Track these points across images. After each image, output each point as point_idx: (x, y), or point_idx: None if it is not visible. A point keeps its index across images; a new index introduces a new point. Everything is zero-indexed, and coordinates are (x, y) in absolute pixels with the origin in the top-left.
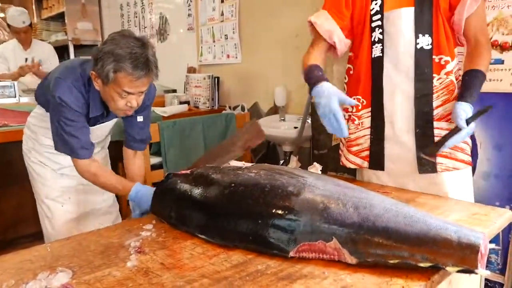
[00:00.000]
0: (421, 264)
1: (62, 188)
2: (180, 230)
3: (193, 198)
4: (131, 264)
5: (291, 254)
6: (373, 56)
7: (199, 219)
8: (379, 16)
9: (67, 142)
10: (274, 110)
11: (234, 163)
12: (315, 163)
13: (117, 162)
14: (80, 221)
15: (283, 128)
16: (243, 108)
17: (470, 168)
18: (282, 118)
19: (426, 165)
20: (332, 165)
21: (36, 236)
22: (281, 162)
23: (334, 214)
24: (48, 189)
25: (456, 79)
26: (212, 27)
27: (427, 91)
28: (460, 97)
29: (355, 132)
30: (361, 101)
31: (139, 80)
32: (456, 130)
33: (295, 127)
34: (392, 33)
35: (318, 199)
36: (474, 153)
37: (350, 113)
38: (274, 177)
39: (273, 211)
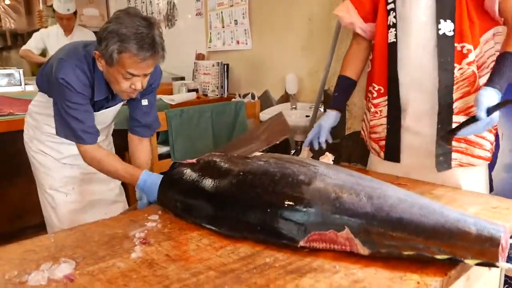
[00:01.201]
0: (438, 256)
1: (66, 178)
2: (186, 221)
3: (199, 187)
4: (135, 255)
5: (301, 243)
6: (389, 42)
7: (206, 209)
8: None
9: (70, 127)
10: (285, 98)
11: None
12: (327, 153)
13: (122, 151)
14: (86, 211)
15: (294, 117)
16: (253, 96)
17: (486, 164)
18: (294, 107)
19: (443, 162)
20: (345, 155)
21: (43, 227)
22: (292, 152)
23: (347, 204)
24: (51, 179)
25: (488, 66)
26: (221, 12)
27: (449, 82)
28: (488, 82)
29: (372, 120)
30: (376, 88)
31: (144, 62)
32: (475, 119)
33: (307, 116)
34: (407, 17)
35: (330, 188)
36: (495, 145)
37: (367, 100)
38: (284, 165)
39: (283, 200)
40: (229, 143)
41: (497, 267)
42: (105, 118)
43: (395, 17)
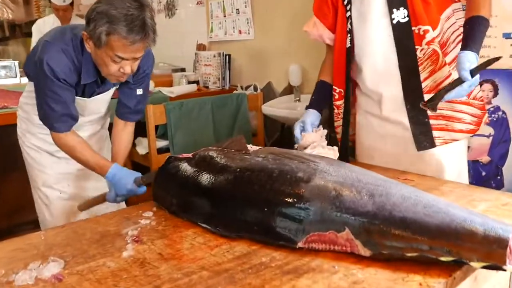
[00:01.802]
0: (442, 258)
1: (60, 174)
2: (181, 219)
3: (195, 184)
4: (127, 254)
5: (299, 245)
6: (346, 46)
7: (201, 207)
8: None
9: (46, 113)
10: (289, 90)
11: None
12: (334, 147)
13: None
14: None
15: (298, 110)
16: (255, 88)
17: (467, 137)
18: (297, 99)
19: (423, 142)
20: (352, 149)
21: (38, 223)
22: (296, 146)
23: (347, 202)
24: (45, 176)
25: (454, 41)
26: (223, 1)
27: (412, 65)
28: (463, 46)
29: (336, 121)
30: (337, 91)
31: (134, 45)
32: (458, 81)
33: None
34: (364, 14)
35: (330, 185)
36: (506, 138)
37: (332, 102)
38: (283, 161)
39: (281, 198)
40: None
41: (505, 270)
42: (98, 105)
43: (351, 23)
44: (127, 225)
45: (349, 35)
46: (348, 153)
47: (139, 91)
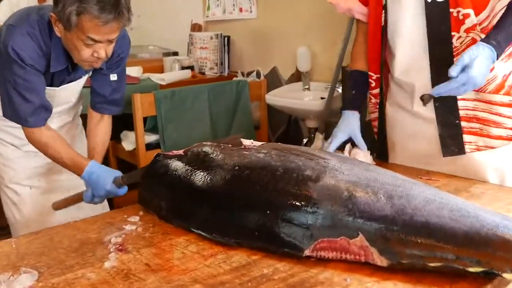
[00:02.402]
0: (470, 269)
1: (29, 169)
2: (171, 224)
3: (187, 185)
4: (109, 264)
5: (307, 253)
6: (382, 24)
7: (194, 211)
8: None
9: (14, 106)
10: (297, 76)
11: (244, 141)
12: (357, 150)
13: None
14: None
15: (307, 99)
16: (258, 75)
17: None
18: (306, 87)
19: (451, 146)
20: (366, 144)
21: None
22: (305, 141)
23: (361, 205)
24: (12, 172)
25: None
26: None
27: (445, 53)
28: (484, 37)
29: (374, 112)
30: (374, 77)
31: (107, 26)
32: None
33: (322, 98)
34: None
35: (342, 185)
36: None
37: (369, 92)
38: (288, 158)
39: (286, 200)
40: None
41: None
42: (69, 95)
43: None
44: (110, 231)
45: (384, 10)
46: (386, 152)
47: (113, 77)
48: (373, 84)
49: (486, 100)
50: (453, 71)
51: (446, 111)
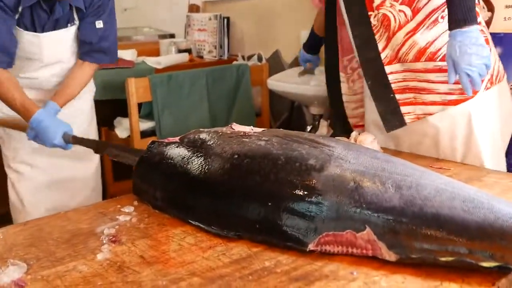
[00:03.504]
0: (484, 264)
1: (32, 148)
2: (168, 215)
3: (184, 174)
4: (102, 256)
5: (311, 247)
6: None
7: (191, 202)
8: None
9: None
10: None
11: (239, 127)
12: (363, 134)
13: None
14: (52, 190)
15: (311, 84)
16: (260, 58)
17: (463, 105)
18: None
19: (392, 120)
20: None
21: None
22: (308, 128)
23: (369, 196)
24: (15, 151)
25: None
26: None
27: (366, 34)
28: (451, 23)
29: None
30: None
31: None
32: None
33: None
34: None
35: (348, 175)
36: None
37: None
38: (291, 146)
39: (288, 191)
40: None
41: None
42: (57, 47)
43: None
44: (103, 222)
45: None
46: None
47: (99, 24)
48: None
49: (411, 69)
50: (449, 78)
51: (379, 86)
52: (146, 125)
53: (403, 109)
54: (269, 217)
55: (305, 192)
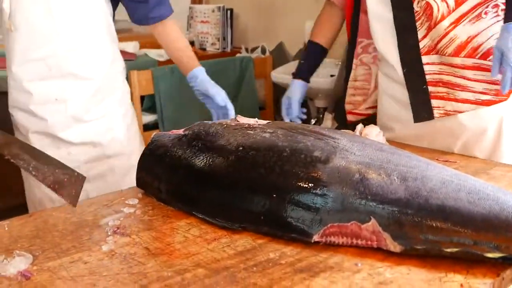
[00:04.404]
0: (489, 255)
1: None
2: (172, 207)
3: (188, 166)
4: (107, 248)
5: (315, 238)
6: None
7: (196, 194)
8: None
9: None
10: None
11: (244, 119)
12: (369, 127)
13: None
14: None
15: (316, 77)
16: (263, 51)
17: (496, 108)
18: None
19: (421, 112)
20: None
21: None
22: (313, 121)
23: (374, 187)
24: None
25: None
26: None
27: (408, 20)
28: (508, 16)
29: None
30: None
31: None
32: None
33: (332, 76)
34: None
35: (353, 167)
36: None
37: None
38: (296, 138)
39: (293, 182)
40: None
41: None
42: (68, 9)
43: None
44: (108, 214)
45: None
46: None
47: None
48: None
49: (449, 63)
50: (493, 71)
51: (414, 76)
52: (148, 118)
53: (434, 102)
54: (274, 209)
55: (311, 184)
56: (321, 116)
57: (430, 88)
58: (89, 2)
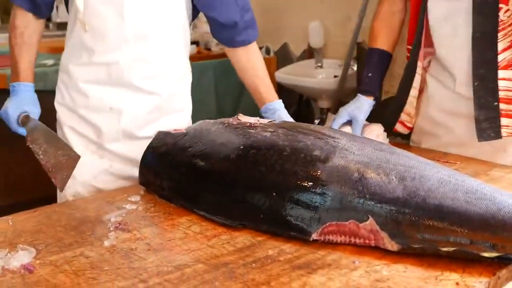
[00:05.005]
0: (485, 254)
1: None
2: (174, 204)
3: (190, 165)
4: (109, 243)
5: (314, 236)
6: None
7: (197, 192)
8: None
9: None
10: (309, 53)
11: (245, 118)
12: (373, 125)
13: None
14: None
15: (319, 77)
16: (268, 51)
17: None
18: (319, 64)
19: (487, 130)
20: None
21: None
22: (316, 122)
23: (372, 187)
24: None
25: None
26: None
27: (488, 27)
28: None
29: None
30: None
31: None
32: None
33: (335, 76)
34: None
35: (352, 166)
36: None
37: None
38: (296, 137)
39: (293, 181)
40: None
41: None
42: (141, 16)
43: None
44: (110, 210)
45: None
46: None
47: None
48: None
49: None
50: None
51: (485, 91)
52: None
53: (503, 121)
54: (273, 207)
55: (310, 183)
56: (324, 116)
57: (502, 106)
58: (167, 10)
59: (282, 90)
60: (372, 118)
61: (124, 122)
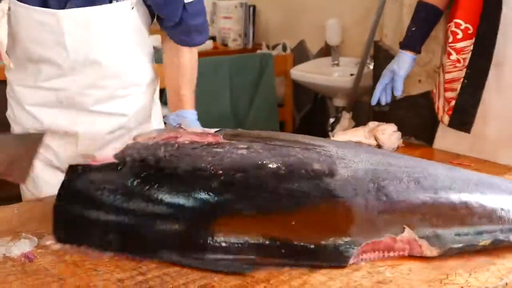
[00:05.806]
0: None
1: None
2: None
3: (144, 210)
4: None
5: (351, 261)
6: None
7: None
8: None
9: None
10: (325, 51)
11: (186, 132)
12: (385, 124)
13: None
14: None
15: (336, 75)
16: (284, 48)
17: None
18: (335, 62)
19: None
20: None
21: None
22: (331, 120)
23: (394, 194)
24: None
25: None
26: None
27: None
28: None
29: (451, 72)
30: (462, 27)
31: None
32: None
33: (351, 75)
34: None
35: (361, 175)
36: None
37: (447, 44)
38: (281, 151)
39: (309, 203)
40: None
41: None
42: (86, 39)
43: None
44: None
45: None
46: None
47: None
48: (459, 36)
49: None
50: None
51: None
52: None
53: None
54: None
55: (329, 203)
56: (339, 115)
57: None
58: (117, 28)
59: (298, 88)
60: (384, 118)
61: (81, 146)
